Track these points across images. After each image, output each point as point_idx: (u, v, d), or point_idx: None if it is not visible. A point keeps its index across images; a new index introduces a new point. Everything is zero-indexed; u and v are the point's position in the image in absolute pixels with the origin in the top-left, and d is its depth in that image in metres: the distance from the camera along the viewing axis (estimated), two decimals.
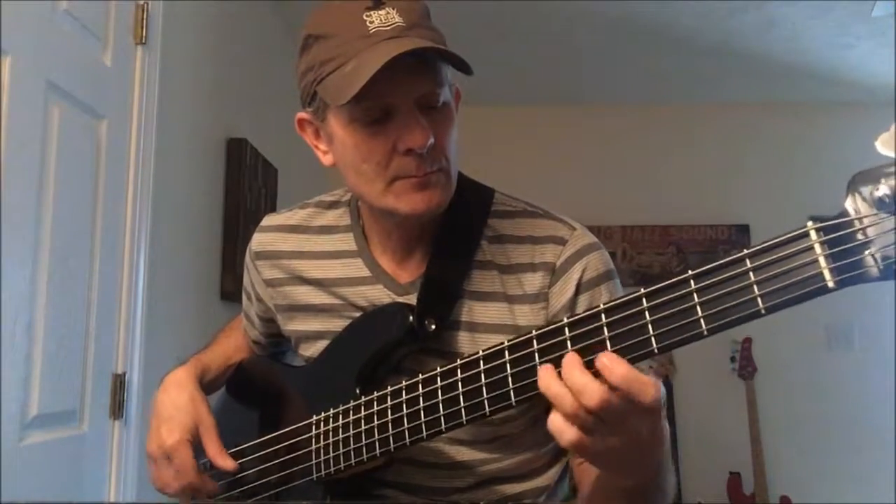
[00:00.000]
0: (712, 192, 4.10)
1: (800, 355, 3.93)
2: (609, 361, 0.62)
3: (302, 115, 0.95)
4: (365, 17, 0.83)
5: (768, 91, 3.98)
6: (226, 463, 0.96)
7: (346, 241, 1.01)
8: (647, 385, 0.62)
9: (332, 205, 1.05)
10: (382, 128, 0.84)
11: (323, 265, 1.00)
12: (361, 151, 0.86)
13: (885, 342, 3.79)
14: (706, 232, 4.09)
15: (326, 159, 0.94)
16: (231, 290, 2.47)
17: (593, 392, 0.62)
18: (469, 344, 0.91)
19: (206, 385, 1.05)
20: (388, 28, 0.82)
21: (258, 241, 1.07)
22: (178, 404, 0.99)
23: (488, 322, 0.91)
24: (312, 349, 1.01)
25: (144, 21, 1.97)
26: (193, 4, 2.28)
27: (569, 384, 0.63)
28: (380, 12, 0.83)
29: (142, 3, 1.97)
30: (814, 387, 3.90)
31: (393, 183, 0.86)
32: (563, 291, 0.90)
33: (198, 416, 0.98)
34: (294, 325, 1.03)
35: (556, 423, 0.65)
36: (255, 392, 1.10)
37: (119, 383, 1.85)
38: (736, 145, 4.15)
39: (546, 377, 0.65)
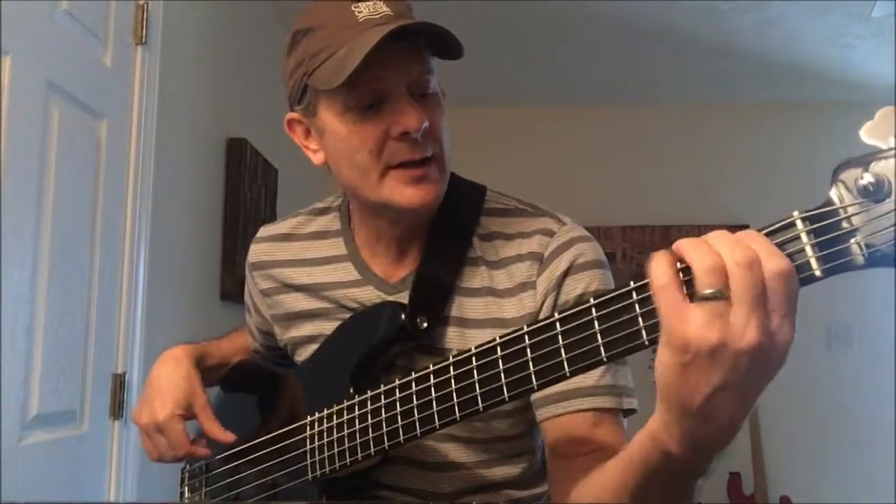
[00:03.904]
0: (712, 192, 4.10)
1: (799, 355, 3.87)
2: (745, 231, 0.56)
3: (292, 114, 0.95)
4: (353, 8, 0.84)
5: (768, 91, 3.98)
6: (223, 435, 0.96)
7: (337, 246, 1.01)
8: (781, 255, 0.53)
9: (323, 211, 1.06)
10: (376, 114, 0.85)
11: (313, 271, 1.01)
12: (355, 140, 0.86)
13: (885, 342, 3.79)
14: (706, 232, 4.06)
15: (317, 158, 0.94)
16: (231, 290, 2.47)
17: (739, 245, 0.54)
18: (458, 340, 0.91)
19: (203, 371, 1.05)
20: (378, 16, 0.83)
21: (253, 252, 1.08)
22: (173, 379, 1.00)
23: (477, 317, 0.91)
24: (307, 354, 1.01)
25: (144, 21, 1.97)
26: (193, 4, 2.29)
27: (711, 238, 0.57)
28: (367, 3, 0.84)
29: (142, 3, 1.97)
30: (813, 386, 3.89)
31: (387, 173, 0.86)
32: (552, 277, 0.89)
33: (192, 393, 0.99)
34: (290, 333, 1.03)
35: (659, 265, 0.57)
36: (250, 391, 1.10)
37: (119, 383, 1.85)
38: (736, 145, 4.15)
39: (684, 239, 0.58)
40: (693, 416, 0.57)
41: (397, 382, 0.81)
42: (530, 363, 0.68)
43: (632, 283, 0.62)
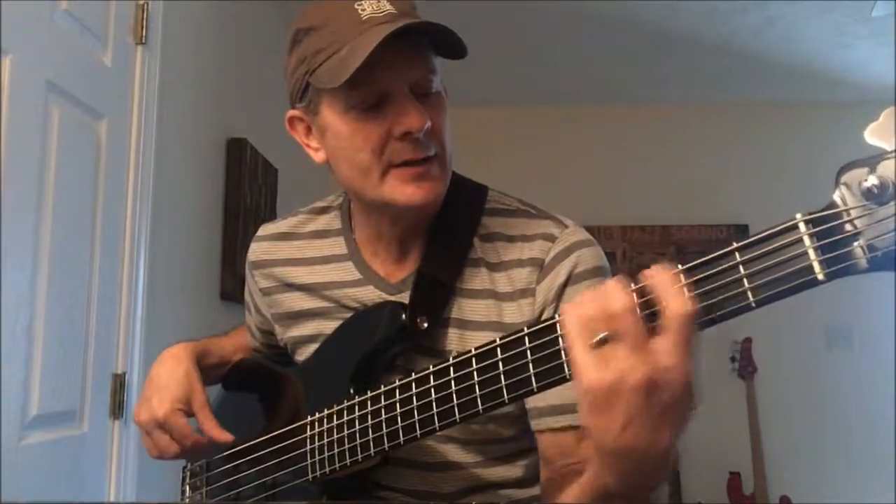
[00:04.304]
0: (712, 192, 4.10)
1: (800, 355, 3.92)
2: (654, 269, 0.59)
3: (293, 112, 0.94)
4: (357, 7, 0.84)
5: (768, 91, 3.98)
6: (220, 435, 0.96)
7: (338, 245, 1.01)
8: (681, 300, 0.57)
9: (324, 210, 1.06)
10: (378, 113, 0.84)
11: (314, 270, 1.00)
12: (357, 139, 0.86)
13: (885, 342, 3.79)
14: (706, 232, 4.09)
15: (318, 156, 0.94)
16: (231, 289, 2.47)
17: (618, 294, 0.59)
18: (458, 341, 0.90)
19: (204, 369, 1.05)
20: (381, 14, 0.83)
21: (253, 250, 1.08)
22: (173, 377, 1.00)
23: (477, 320, 0.91)
24: (307, 353, 1.01)
25: (144, 21, 1.97)
26: (193, 4, 2.28)
27: (602, 287, 0.61)
28: (371, 1, 0.84)
29: (142, 3, 1.97)
30: (814, 387, 3.90)
31: (388, 172, 0.86)
32: (552, 287, 0.89)
33: (191, 391, 0.99)
34: (291, 333, 1.03)
35: (567, 325, 0.61)
36: (250, 391, 1.10)
37: (119, 383, 1.85)
38: (736, 145, 4.15)
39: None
40: (613, 454, 0.62)
41: (398, 383, 0.81)
42: (530, 365, 0.68)
43: (632, 285, 0.61)
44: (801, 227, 0.55)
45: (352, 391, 0.88)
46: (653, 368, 0.57)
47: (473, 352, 0.73)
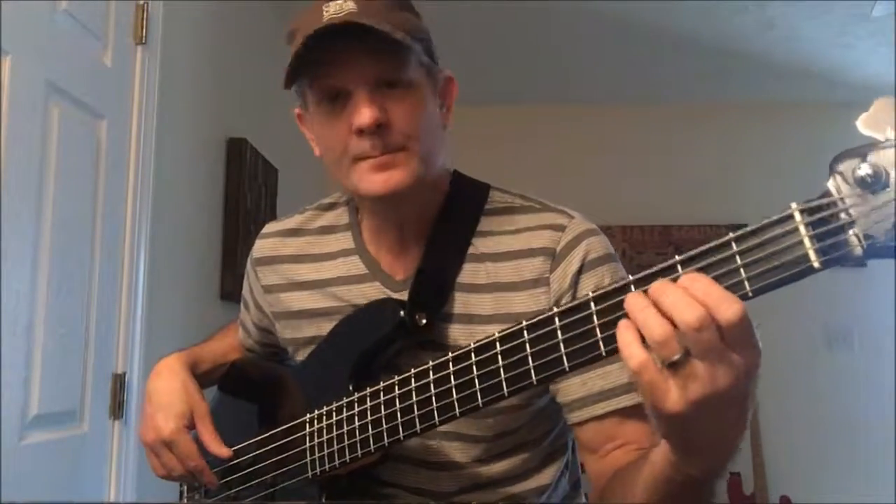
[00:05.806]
0: (712, 192, 4.10)
1: (800, 355, 3.92)
2: (691, 276, 0.56)
3: (297, 109, 0.98)
4: (323, 9, 0.85)
5: (768, 91, 3.98)
6: (220, 450, 0.96)
7: (345, 240, 1.01)
8: (731, 300, 0.54)
9: (331, 206, 1.07)
10: (341, 110, 0.87)
11: (321, 266, 1.01)
12: (326, 133, 0.90)
13: (885, 342, 3.79)
14: (706, 232, 4.09)
15: (317, 150, 0.97)
16: (231, 289, 2.47)
17: (688, 304, 0.54)
18: (465, 336, 0.90)
19: (198, 377, 1.05)
20: (340, 15, 0.84)
21: (259, 246, 1.08)
22: (171, 391, 0.99)
23: (483, 313, 0.91)
24: (308, 353, 1.01)
25: (144, 21, 1.97)
26: (193, 4, 2.29)
27: (658, 297, 0.56)
28: (337, 2, 0.85)
29: (142, 3, 1.97)
30: (814, 386, 3.90)
31: (354, 164, 0.88)
32: (566, 275, 0.90)
33: (192, 403, 0.99)
34: (292, 333, 1.03)
35: (629, 347, 0.57)
36: (248, 391, 1.10)
37: (119, 383, 1.85)
38: (736, 145, 4.15)
39: (633, 297, 0.58)
40: (702, 451, 0.64)
41: (396, 379, 0.81)
42: (529, 358, 0.68)
43: (630, 276, 0.61)
44: (797, 216, 0.55)
45: (351, 388, 0.88)
46: (734, 375, 0.55)
47: (472, 346, 0.73)
